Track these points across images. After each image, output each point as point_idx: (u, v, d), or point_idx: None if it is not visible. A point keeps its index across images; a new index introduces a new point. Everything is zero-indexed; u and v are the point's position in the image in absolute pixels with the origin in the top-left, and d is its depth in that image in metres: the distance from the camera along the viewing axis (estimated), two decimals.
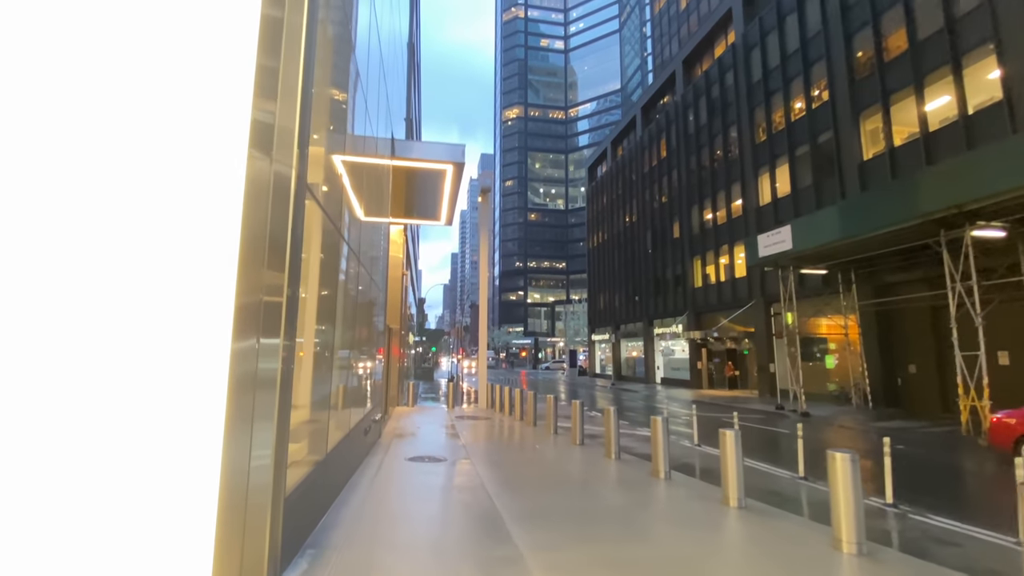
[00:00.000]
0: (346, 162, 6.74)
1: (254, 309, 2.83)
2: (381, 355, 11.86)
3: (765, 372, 23.88)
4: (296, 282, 3.27)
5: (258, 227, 2.83)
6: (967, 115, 15.12)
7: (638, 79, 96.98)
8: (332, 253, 5.81)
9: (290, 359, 3.20)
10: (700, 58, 32.16)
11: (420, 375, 38.25)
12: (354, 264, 7.41)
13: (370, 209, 9.12)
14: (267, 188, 2.93)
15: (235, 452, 2.67)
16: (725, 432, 5.94)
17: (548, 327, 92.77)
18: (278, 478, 3.03)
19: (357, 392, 7.47)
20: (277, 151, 3.03)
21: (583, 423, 10.01)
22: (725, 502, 5.80)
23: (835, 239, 14.95)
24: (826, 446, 9.60)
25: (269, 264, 2.93)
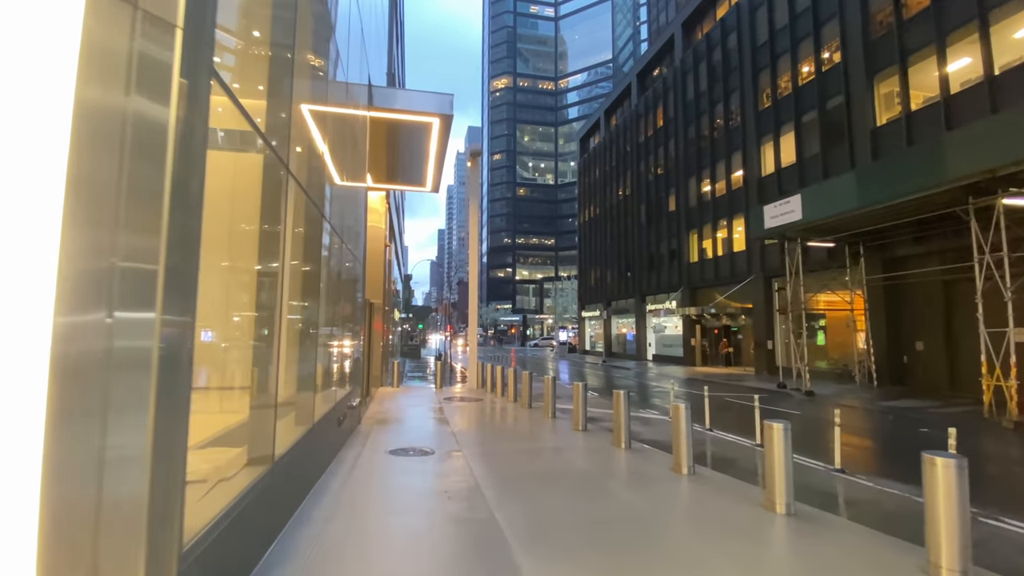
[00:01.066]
0: (312, 110, 5.47)
1: (97, 277, 1.66)
2: (362, 333, 10.68)
3: (762, 349, 23.24)
4: (189, 246, 2.07)
5: (99, 177, 1.65)
6: (993, 76, 14.05)
7: (630, 49, 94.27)
8: (292, 215, 4.61)
9: (180, 337, 2.01)
10: (701, 20, 30.50)
11: (407, 353, 37.19)
12: (321, 228, 6.16)
13: (343, 168, 7.81)
14: (116, 128, 1.74)
15: (65, 456, 1.55)
16: (772, 425, 4.93)
17: (536, 304, 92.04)
18: (162, 497, 1.89)
19: (327, 376, 6.31)
20: (139, 83, 1.83)
21: (585, 408, 9.01)
22: (769, 507, 4.83)
23: (851, 208, 13.95)
24: (846, 430, 8.76)
25: (126, 223, 1.74)
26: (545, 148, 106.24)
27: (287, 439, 4.25)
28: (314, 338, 5.51)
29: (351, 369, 8.76)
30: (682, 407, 6.29)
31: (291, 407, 4.69)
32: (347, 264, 8.27)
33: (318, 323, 5.78)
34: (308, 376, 5.11)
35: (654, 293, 33.59)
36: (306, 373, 5.05)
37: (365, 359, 12.81)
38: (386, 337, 20.24)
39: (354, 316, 9.32)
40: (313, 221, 5.51)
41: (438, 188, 15.76)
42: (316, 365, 5.55)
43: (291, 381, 4.71)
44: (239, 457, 3.42)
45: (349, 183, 8.45)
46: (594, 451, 7.32)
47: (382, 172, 14.60)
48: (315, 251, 5.64)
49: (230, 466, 3.36)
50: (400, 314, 39.88)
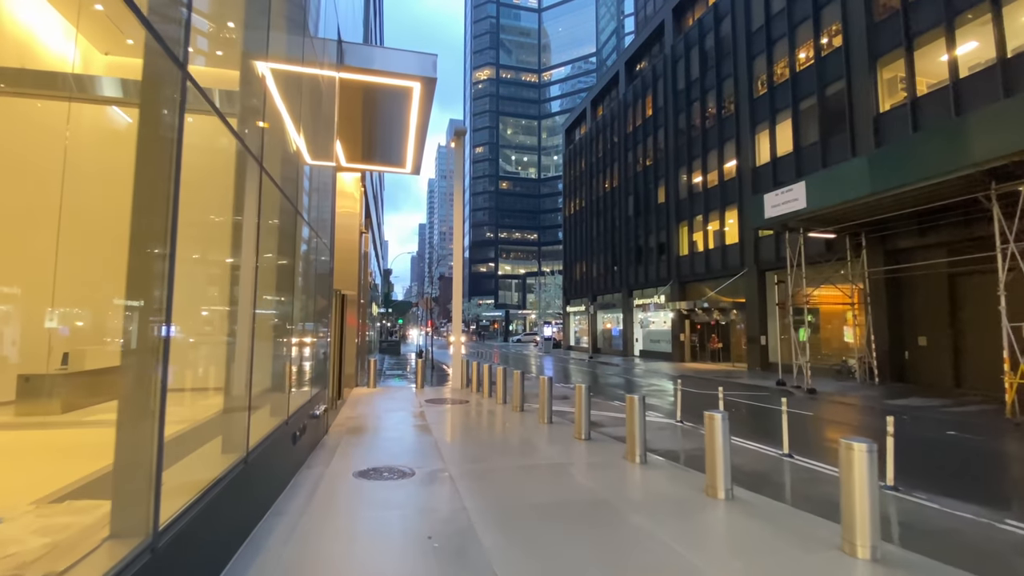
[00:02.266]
0: (271, 68, 4.19)
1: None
2: (331, 327, 9.31)
3: (756, 344, 22.54)
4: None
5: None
6: (1006, 59, 13.35)
7: (613, 43, 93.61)
8: (235, 181, 3.36)
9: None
10: (693, 5, 29.58)
11: (386, 349, 35.64)
12: (276, 201, 4.84)
13: (308, 135, 6.46)
14: None
15: None
16: (853, 447, 3.82)
17: (519, 299, 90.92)
18: None
19: (277, 381, 4.99)
20: None
21: (588, 412, 7.85)
22: (851, 551, 3.74)
23: (862, 195, 13.11)
24: (861, 432, 7.74)
25: None
26: (528, 142, 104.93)
27: (203, 477, 2.95)
28: (261, 334, 4.21)
29: (315, 370, 7.42)
30: (718, 418, 5.18)
31: (215, 427, 3.38)
32: (311, 247, 6.93)
33: (269, 316, 4.47)
34: (248, 381, 3.80)
35: (642, 287, 32.76)
36: (243, 378, 3.75)
37: (336, 357, 11.44)
38: (362, 333, 18.80)
39: (321, 308, 7.97)
40: (268, 194, 4.21)
41: (419, 169, 14.39)
42: (261, 366, 4.25)
43: (220, 392, 3.41)
44: (102, 521, 2.13)
45: (315, 156, 7.10)
46: (606, 467, 6.17)
47: (356, 150, 13.15)
48: (268, 228, 4.33)
49: (87, 538, 2.07)
50: (379, 309, 38.25)
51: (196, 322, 3.35)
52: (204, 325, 3.53)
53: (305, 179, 6.58)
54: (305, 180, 6.58)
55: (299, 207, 5.74)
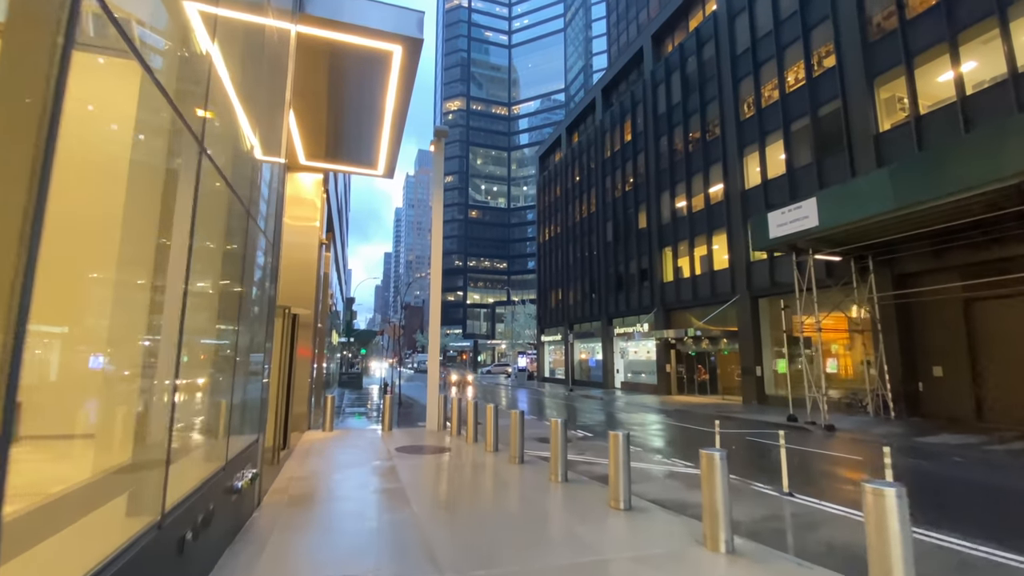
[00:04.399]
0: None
1: None
2: (273, 356, 6.96)
3: (751, 376, 21.13)
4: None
5: None
6: (1017, 73, 12.81)
7: (581, 81, 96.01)
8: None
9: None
10: (672, 31, 29.51)
11: (347, 383, 32.44)
12: (195, 162, 2.74)
13: (248, 90, 4.42)
14: None
15: None
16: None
17: (488, 329, 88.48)
18: None
19: (154, 447, 2.72)
20: None
21: (627, 470, 5.78)
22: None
23: (884, 211, 11.96)
24: (923, 478, 5.84)
25: None
26: (498, 172, 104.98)
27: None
28: (123, 359, 2.04)
29: (241, 416, 5.07)
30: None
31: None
32: (247, 251, 4.73)
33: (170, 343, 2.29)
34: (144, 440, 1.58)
35: (623, 315, 31.28)
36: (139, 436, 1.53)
37: (281, 394, 8.97)
38: (319, 363, 16.15)
39: (256, 331, 5.68)
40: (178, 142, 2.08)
41: (392, 172, 12.38)
42: (116, 421, 2.04)
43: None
44: None
45: (270, 158, 5.01)
46: (683, 561, 4.09)
47: (318, 143, 11.05)
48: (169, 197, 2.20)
49: None
50: (340, 338, 35.17)
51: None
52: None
53: (250, 172, 4.46)
54: (251, 175, 4.46)
55: (244, 202, 3.59)
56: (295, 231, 13.07)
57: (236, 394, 4.64)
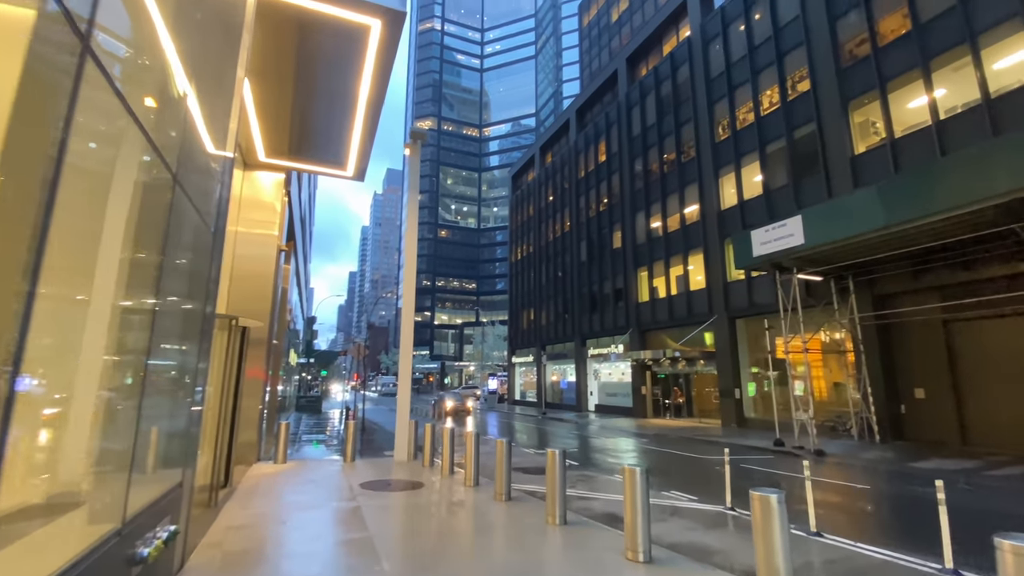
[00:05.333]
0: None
1: None
2: (209, 374, 5.68)
3: (730, 399, 20.68)
4: None
5: None
6: (990, 99, 13.10)
7: (552, 106, 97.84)
8: None
9: None
10: (647, 55, 29.95)
11: (305, 407, 30.26)
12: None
13: (194, 54, 3.39)
14: None
15: None
16: None
17: (456, 350, 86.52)
18: None
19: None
20: None
21: (647, 514, 4.81)
22: None
23: (873, 229, 11.76)
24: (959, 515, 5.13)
25: None
26: (468, 192, 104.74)
27: None
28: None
29: (156, 454, 3.83)
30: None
31: None
32: (170, 238, 3.59)
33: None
34: None
35: (597, 336, 30.66)
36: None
37: (222, 422, 7.60)
38: (274, 385, 14.55)
39: (179, 343, 4.46)
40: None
41: (363, 174, 11.32)
42: None
43: None
44: None
45: (220, 152, 3.94)
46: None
47: (281, 137, 9.91)
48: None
49: None
50: (299, 358, 33.02)
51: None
52: None
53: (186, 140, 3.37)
54: (186, 144, 3.37)
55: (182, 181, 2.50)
56: (250, 236, 11.72)
57: (147, 426, 3.43)
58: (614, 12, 45.23)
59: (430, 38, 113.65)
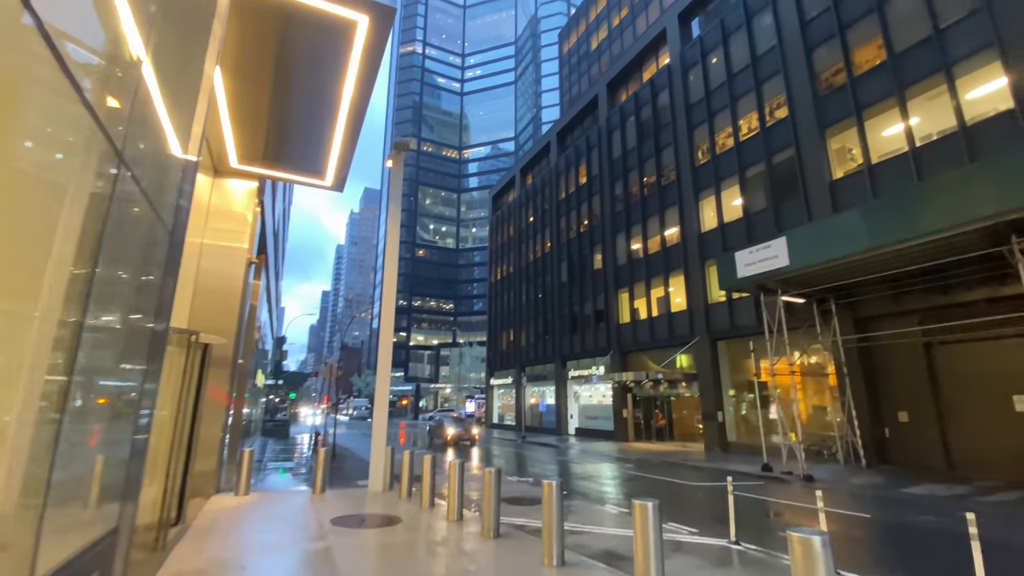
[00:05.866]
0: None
1: None
2: (158, 395, 4.94)
3: (712, 422, 20.41)
4: None
5: None
6: (966, 127, 13.53)
7: (531, 131, 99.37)
8: None
9: None
10: (627, 81, 30.53)
11: (271, 431, 28.67)
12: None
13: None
14: None
15: None
16: None
17: (432, 372, 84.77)
18: None
19: None
20: None
21: (661, 556, 4.28)
22: None
23: (857, 251, 11.80)
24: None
25: None
26: (447, 212, 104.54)
27: None
28: None
29: (82, 494, 3.13)
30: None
31: None
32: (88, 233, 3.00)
33: None
34: None
35: (578, 357, 30.24)
36: None
37: (176, 449, 6.79)
38: (238, 408, 13.52)
39: (121, 361, 3.80)
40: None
41: (342, 184, 10.78)
42: None
43: None
44: None
45: (182, 154, 3.42)
46: None
47: (256, 143, 9.33)
48: None
49: None
50: (266, 380, 31.47)
51: None
52: None
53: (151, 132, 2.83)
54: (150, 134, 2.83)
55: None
56: (218, 247, 10.97)
57: (69, 461, 2.76)
58: (593, 40, 46.43)
59: (411, 61, 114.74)
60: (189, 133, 4.72)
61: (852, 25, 16.72)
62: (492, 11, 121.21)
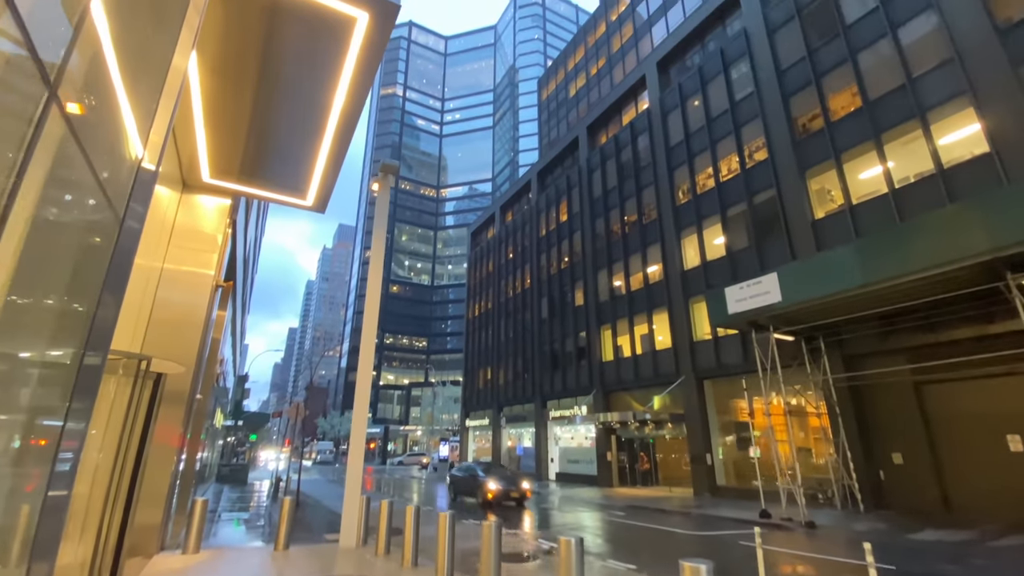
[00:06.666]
0: None
1: None
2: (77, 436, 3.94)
3: (701, 465, 19.67)
4: None
5: None
6: (943, 169, 13.98)
7: (508, 173, 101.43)
8: None
9: None
10: (607, 124, 31.31)
11: (227, 476, 26.28)
12: None
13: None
14: None
15: None
16: None
17: (402, 413, 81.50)
18: None
19: None
20: None
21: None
22: None
23: (851, 287, 11.70)
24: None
25: None
26: (423, 249, 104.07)
27: None
28: None
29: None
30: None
31: None
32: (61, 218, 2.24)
33: None
34: None
35: (559, 397, 29.30)
36: None
37: (111, 500, 5.67)
38: (192, 452, 12.08)
39: (39, 391, 2.92)
40: None
41: (324, 205, 10.09)
42: None
43: None
44: None
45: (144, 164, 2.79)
46: None
47: (232, 155, 8.61)
48: None
49: None
50: (225, 420, 29.21)
51: None
52: None
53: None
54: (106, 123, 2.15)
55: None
56: (181, 270, 10.00)
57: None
58: (572, 87, 48.16)
59: (392, 102, 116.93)
60: (148, 134, 3.99)
61: (827, 74, 17.52)
62: (472, 60, 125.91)
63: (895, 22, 15.62)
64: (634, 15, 39.78)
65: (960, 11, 14.01)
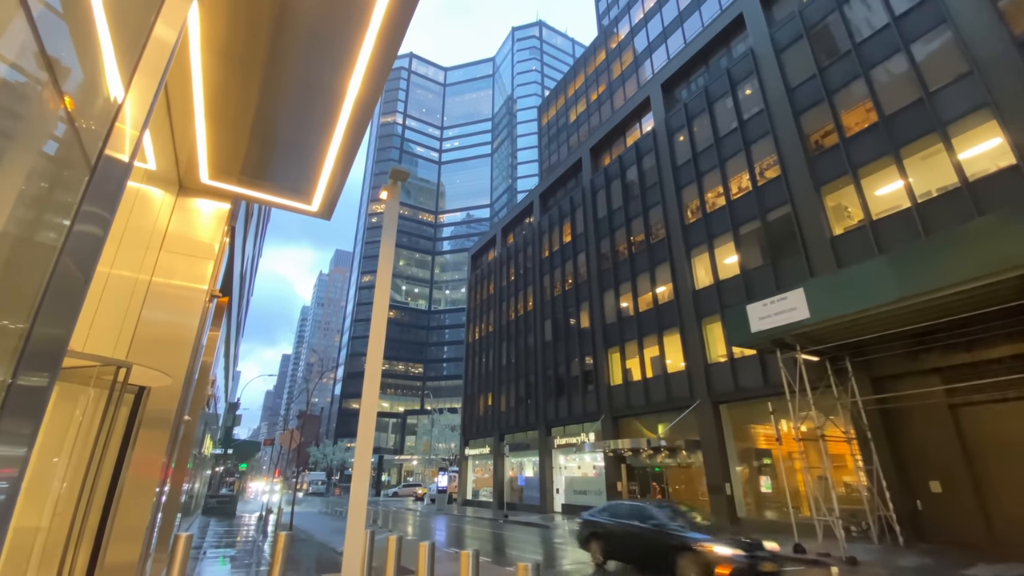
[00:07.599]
0: None
1: None
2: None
3: (720, 495, 18.57)
4: None
5: None
6: (968, 182, 13.57)
7: (506, 199, 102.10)
8: None
9: None
10: (610, 145, 31.26)
11: (214, 509, 24.78)
12: None
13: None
14: None
15: None
16: None
17: (396, 442, 79.22)
18: None
19: None
20: None
21: None
22: None
23: (890, 300, 11.07)
24: None
25: None
26: (421, 274, 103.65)
27: None
28: None
29: None
30: None
31: None
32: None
33: None
34: None
35: (564, 424, 28.17)
36: None
37: (76, 535, 4.76)
38: (177, 481, 11.01)
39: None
40: None
41: (331, 211, 9.36)
42: None
43: None
44: None
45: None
46: None
47: (234, 155, 7.94)
48: None
49: None
50: (214, 448, 27.81)
51: None
52: None
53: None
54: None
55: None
56: (171, 282, 9.21)
57: None
58: (572, 113, 48.65)
59: (391, 130, 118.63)
60: (113, 117, 3.28)
61: (839, 91, 17.36)
62: (471, 90, 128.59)
63: (908, 38, 15.53)
64: (634, 43, 40.49)
65: (975, 25, 13.89)
